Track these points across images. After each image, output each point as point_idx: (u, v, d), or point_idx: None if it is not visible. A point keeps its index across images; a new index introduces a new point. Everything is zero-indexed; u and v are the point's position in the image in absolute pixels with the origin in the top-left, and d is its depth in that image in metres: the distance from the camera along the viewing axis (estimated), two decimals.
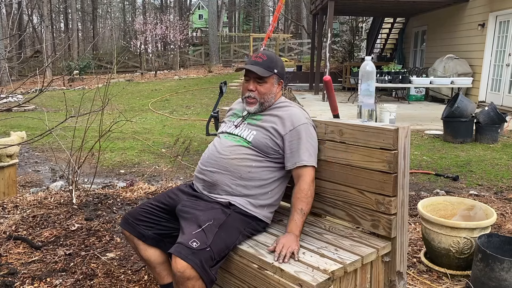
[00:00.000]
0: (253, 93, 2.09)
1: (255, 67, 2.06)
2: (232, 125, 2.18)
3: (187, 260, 1.73)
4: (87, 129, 4.03)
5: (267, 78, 2.09)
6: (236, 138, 2.10)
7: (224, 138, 2.14)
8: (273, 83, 2.12)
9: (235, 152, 2.05)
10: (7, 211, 3.56)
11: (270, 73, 2.09)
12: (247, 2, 41.87)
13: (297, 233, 1.92)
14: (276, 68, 2.11)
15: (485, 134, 6.45)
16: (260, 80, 2.09)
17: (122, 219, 2.11)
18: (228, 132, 2.16)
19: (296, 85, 15.15)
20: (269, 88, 2.10)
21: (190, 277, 1.73)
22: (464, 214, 2.75)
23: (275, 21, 16.41)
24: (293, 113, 2.08)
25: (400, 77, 9.15)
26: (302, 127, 2.04)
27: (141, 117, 9.99)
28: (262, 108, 2.12)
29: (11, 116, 9.85)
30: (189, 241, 1.78)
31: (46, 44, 19.73)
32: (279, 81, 2.16)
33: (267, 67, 2.08)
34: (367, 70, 5.32)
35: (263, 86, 2.09)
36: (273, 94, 2.13)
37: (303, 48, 26.26)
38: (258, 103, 2.11)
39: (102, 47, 35.94)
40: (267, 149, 2.04)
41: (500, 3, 9.73)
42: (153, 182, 4.76)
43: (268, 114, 2.12)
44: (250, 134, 2.08)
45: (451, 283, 2.51)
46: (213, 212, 1.95)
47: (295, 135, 2.04)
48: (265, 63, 2.08)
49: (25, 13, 32.67)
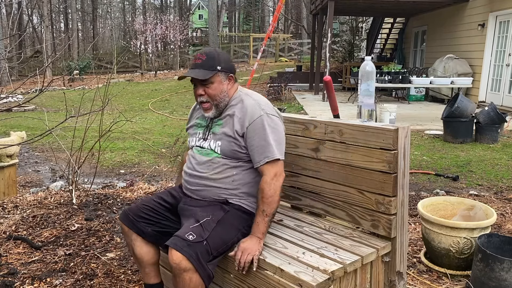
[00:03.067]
0: (204, 97, 1.99)
1: (195, 72, 1.96)
2: (200, 138, 2.10)
3: (182, 252, 1.75)
4: (87, 129, 4.03)
5: (211, 78, 1.96)
6: (208, 151, 2.05)
7: (198, 154, 2.08)
8: (220, 80, 1.99)
9: (212, 167, 2.02)
10: (7, 211, 3.56)
11: (212, 72, 1.96)
12: (247, 2, 41.85)
13: (258, 235, 1.90)
14: (219, 64, 1.98)
15: (485, 134, 6.45)
16: (205, 82, 1.97)
17: (122, 213, 2.10)
18: (199, 146, 2.10)
19: (296, 85, 15.14)
20: (217, 87, 1.98)
21: (186, 269, 1.75)
22: (464, 214, 2.75)
23: (275, 21, 16.42)
24: (248, 108, 1.98)
25: (400, 77, 9.15)
26: (257, 121, 1.95)
27: (141, 117, 9.99)
28: (219, 109, 2.02)
29: (11, 116, 9.85)
30: (185, 234, 1.81)
31: (46, 44, 19.73)
32: (228, 76, 2.02)
33: (209, 67, 1.96)
34: (367, 70, 5.29)
35: (210, 87, 1.97)
36: (224, 92, 2.00)
37: (303, 48, 26.24)
38: (213, 107, 2.01)
39: (102, 47, 35.95)
40: (237, 154, 2.00)
41: (500, 3, 9.73)
42: (153, 182, 4.76)
43: (226, 115, 2.04)
44: (216, 145, 2.02)
45: (451, 283, 2.51)
46: (212, 208, 1.97)
47: (251, 132, 1.95)
48: (206, 63, 1.96)
49: (25, 13, 32.67)
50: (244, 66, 23.92)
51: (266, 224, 1.92)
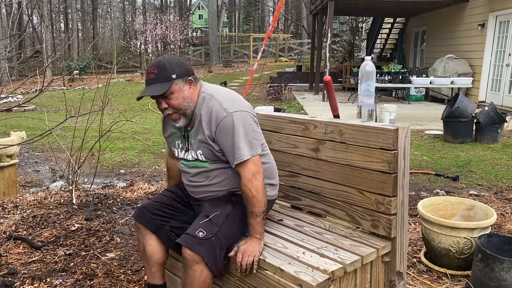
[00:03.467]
0: (169, 110, 1.92)
1: (151, 89, 1.87)
2: (182, 149, 2.08)
3: (193, 249, 1.81)
4: (87, 129, 4.03)
5: (170, 89, 1.87)
6: (194, 163, 2.03)
7: (187, 168, 2.07)
8: (180, 88, 1.90)
9: (206, 176, 2.02)
10: (7, 211, 3.56)
11: (168, 83, 1.87)
12: (247, 2, 41.86)
13: (257, 236, 1.91)
14: (173, 72, 1.88)
15: (485, 134, 6.45)
16: (165, 95, 1.88)
17: (136, 212, 2.11)
18: (183, 158, 2.08)
19: (296, 85, 15.14)
20: (178, 96, 1.90)
21: (198, 262, 1.82)
22: (464, 214, 2.75)
23: (275, 21, 16.41)
24: (211, 111, 1.91)
25: (400, 77, 9.15)
26: (222, 124, 1.89)
27: (141, 117, 9.99)
28: (188, 117, 1.96)
29: (11, 116, 9.85)
30: (195, 231, 1.87)
31: (46, 44, 19.72)
32: (186, 80, 1.93)
33: (164, 78, 1.87)
34: (367, 70, 5.30)
35: (171, 98, 1.89)
36: (187, 98, 1.92)
37: (303, 48, 26.24)
38: (182, 116, 1.94)
39: (102, 47, 35.94)
40: (219, 157, 1.98)
41: (500, 3, 9.73)
42: (153, 182, 4.76)
43: (196, 122, 1.97)
44: (198, 154, 2.00)
45: (451, 283, 2.51)
46: (220, 202, 2.01)
47: (219, 136, 1.91)
48: (159, 76, 1.87)
49: (25, 13, 32.66)
50: (244, 66, 23.94)
51: (260, 224, 1.92)
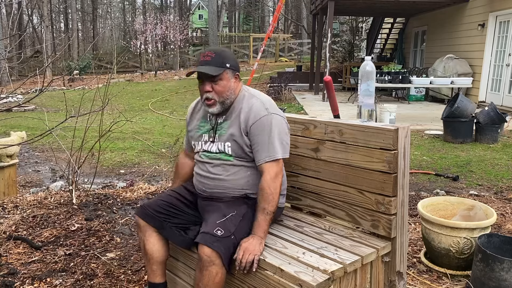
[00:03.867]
0: (211, 94, 1.99)
1: (204, 68, 1.96)
2: (206, 142, 2.10)
3: (212, 247, 1.80)
4: (87, 129, 4.03)
5: (221, 75, 1.98)
6: (217, 155, 2.05)
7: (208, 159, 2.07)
8: (228, 78, 2.00)
9: (226, 169, 2.03)
10: (7, 211, 3.56)
11: (222, 69, 1.97)
12: (247, 2, 41.85)
13: (260, 235, 1.91)
14: (227, 62, 2.00)
15: (485, 134, 6.45)
16: (214, 79, 1.98)
17: (139, 209, 2.11)
18: (207, 150, 2.09)
19: (296, 85, 15.13)
20: (225, 84, 2.00)
21: (215, 263, 1.81)
22: (464, 214, 2.75)
23: (275, 21, 16.42)
24: (252, 107, 2.00)
25: (400, 77, 9.15)
26: (261, 120, 1.97)
27: (141, 117, 9.99)
28: (224, 106, 2.03)
29: (11, 116, 9.85)
30: (213, 230, 1.86)
31: (46, 44, 19.73)
32: (235, 75, 2.04)
33: (218, 64, 1.97)
34: (367, 70, 5.30)
35: (218, 84, 1.99)
36: (231, 89, 2.02)
37: (303, 48, 26.23)
38: (218, 103, 2.01)
39: (102, 47, 35.91)
40: (246, 154, 2.01)
41: (500, 3, 9.73)
42: (153, 182, 4.76)
43: (231, 115, 2.04)
44: (226, 146, 2.03)
45: (451, 283, 2.51)
46: (236, 203, 2.01)
47: (255, 131, 1.97)
48: (215, 61, 1.97)
49: (25, 13, 32.66)
50: (244, 66, 23.90)
51: (268, 223, 1.94)
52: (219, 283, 1.84)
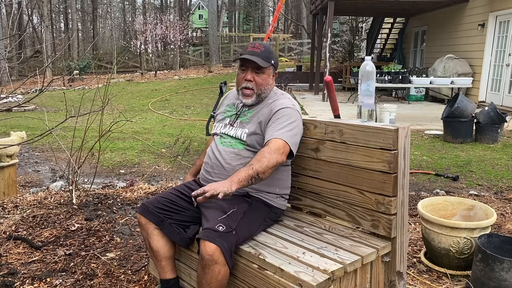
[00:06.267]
0: (251, 84, 2.07)
1: (254, 57, 2.03)
2: (227, 124, 2.17)
3: (215, 242, 1.78)
4: (87, 129, 4.03)
5: (265, 68, 2.07)
6: (232, 142, 2.09)
7: (222, 146, 2.12)
8: (269, 73, 2.11)
9: (236, 158, 2.06)
10: (7, 211, 3.56)
11: (268, 63, 2.07)
12: (247, 2, 41.85)
13: (233, 179, 1.84)
14: (272, 59, 2.10)
15: (485, 134, 6.45)
16: (258, 71, 2.06)
17: (140, 206, 2.12)
18: (224, 133, 2.15)
19: (296, 85, 15.14)
20: (266, 79, 2.09)
21: (217, 261, 1.78)
22: (464, 214, 2.75)
23: (275, 21, 16.41)
24: (280, 101, 2.10)
25: (400, 77, 9.15)
26: (286, 109, 2.05)
27: (141, 117, 9.99)
28: (258, 99, 2.11)
29: (11, 116, 9.86)
30: (215, 226, 1.86)
31: (46, 44, 19.72)
32: (274, 73, 2.16)
33: (266, 58, 2.06)
34: (367, 70, 5.32)
35: (261, 76, 2.07)
36: (269, 85, 2.12)
37: (303, 48, 26.24)
38: (255, 95, 2.09)
39: (102, 47, 35.91)
40: (261, 146, 2.04)
41: (500, 3, 9.73)
42: (153, 182, 4.76)
43: (259, 107, 2.12)
44: (243, 133, 2.08)
45: (451, 283, 2.51)
46: (236, 200, 2.01)
47: (276, 115, 2.04)
48: (263, 54, 2.06)
49: (25, 13, 32.66)
50: None
51: (247, 177, 1.85)
52: (222, 281, 1.83)
